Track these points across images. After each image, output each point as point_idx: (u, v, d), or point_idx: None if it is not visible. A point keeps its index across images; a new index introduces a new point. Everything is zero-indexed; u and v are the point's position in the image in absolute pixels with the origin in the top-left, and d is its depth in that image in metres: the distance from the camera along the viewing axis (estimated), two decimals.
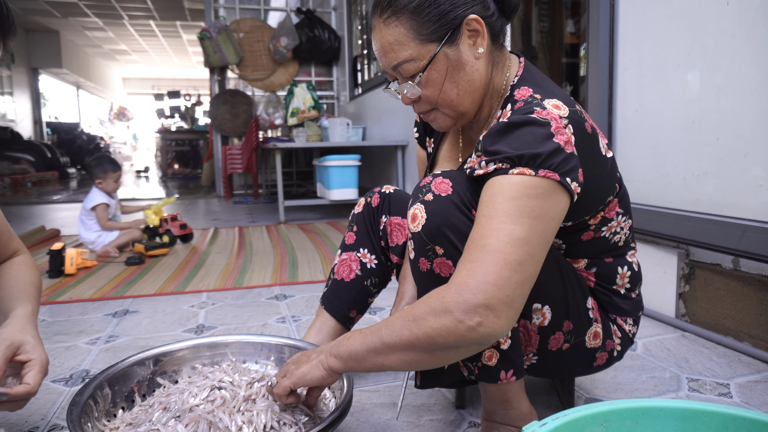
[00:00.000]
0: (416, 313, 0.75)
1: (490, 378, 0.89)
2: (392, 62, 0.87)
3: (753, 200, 1.38)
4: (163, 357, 1.03)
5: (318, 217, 4.36)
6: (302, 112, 5.80)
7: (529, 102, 0.83)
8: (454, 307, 0.71)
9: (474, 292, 0.71)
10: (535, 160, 0.74)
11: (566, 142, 0.77)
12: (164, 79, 17.51)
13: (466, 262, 0.74)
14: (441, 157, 1.09)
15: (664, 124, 1.65)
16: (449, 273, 0.84)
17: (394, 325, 0.76)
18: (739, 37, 1.39)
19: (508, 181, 0.75)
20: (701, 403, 0.78)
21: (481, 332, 0.71)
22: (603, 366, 1.00)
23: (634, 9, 1.75)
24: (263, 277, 2.37)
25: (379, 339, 0.77)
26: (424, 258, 0.85)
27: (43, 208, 5.41)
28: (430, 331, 0.73)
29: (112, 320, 1.82)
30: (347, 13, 5.75)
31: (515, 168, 0.75)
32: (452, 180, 0.84)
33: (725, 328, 1.49)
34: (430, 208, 0.83)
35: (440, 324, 0.72)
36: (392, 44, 0.86)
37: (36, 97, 12.28)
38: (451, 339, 0.72)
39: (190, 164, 10.67)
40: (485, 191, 0.77)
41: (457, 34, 0.85)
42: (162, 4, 9.54)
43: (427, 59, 0.85)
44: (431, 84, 0.87)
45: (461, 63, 0.86)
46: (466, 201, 0.83)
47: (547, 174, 0.75)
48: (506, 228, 0.73)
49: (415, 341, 0.74)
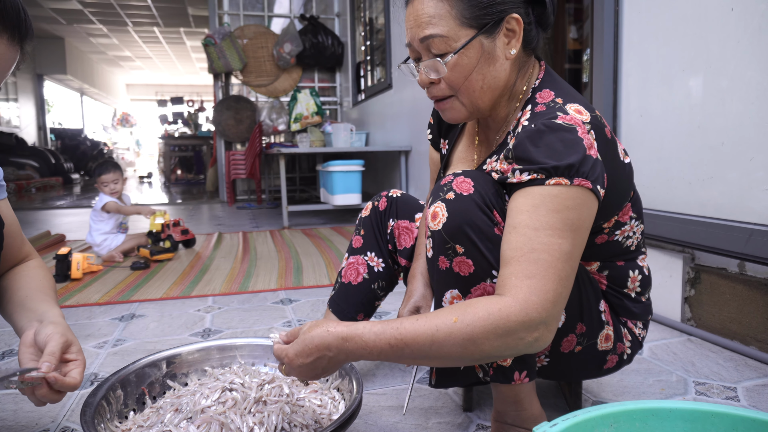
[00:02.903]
0: (475, 334, 0.72)
1: (504, 378, 0.89)
2: (423, 34, 0.85)
3: (758, 204, 1.39)
4: (175, 359, 1.03)
5: (322, 223, 4.37)
6: (305, 117, 5.83)
7: (552, 107, 0.84)
8: (518, 327, 0.72)
9: (539, 311, 0.72)
10: (570, 169, 0.76)
11: (591, 147, 0.79)
12: (168, 86, 17.59)
13: (522, 276, 0.74)
14: (456, 158, 1.09)
15: (669, 128, 1.66)
16: (468, 272, 0.84)
17: (445, 345, 0.73)
18: (744, 42, 1.40)
19: (548, 192, 0.76)
20: (710, 405, 0.78)
21: (536, 346, 0.74)
22: (613, 369, 1.00)
23: (639, 15, 1.76)
24: (268, 281, 2.38)
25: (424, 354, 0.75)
26: (444, 256, 0.85)
27: (47, 214, 5.43)
28: (489, 349, 0.73)
29: (119, 324, 1.83)
30: (350, 19, 5.78)
31: (551, 178, 0.76)
32: (474, 179, 0.85)
33: (731, 332, 1.50)
34: (451, 207, 0.83)
35: (501, 343, 0.73)
36: (431, 17, 0.84)
37: (40, 103, 12.35)
38: (507, 353, 0.75)
39: (193, 170, 10.70)
40: (522, 200, 0.78)
41: (497, 27, 0.85)
42: (166, 11, 9.61)
43: (461, 42, 0.84)
44: (460, 69, 0.86)
45: (493, 57, 0.86)
46: (488, 201, 0.83)
47: (581, 182, 0.77)
48: (555, 243, 0.75)
49: (467, 356, 0.74)
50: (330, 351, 0.78)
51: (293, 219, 4.56)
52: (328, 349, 0.78)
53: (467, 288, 0.85)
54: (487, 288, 0.84)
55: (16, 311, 0.96)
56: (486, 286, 0.84)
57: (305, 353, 0.79)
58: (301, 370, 0.81)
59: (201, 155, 10.22)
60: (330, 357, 0.79)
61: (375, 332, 0.76)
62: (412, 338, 0.74)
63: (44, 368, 0.80)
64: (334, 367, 0.81)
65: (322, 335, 0.78)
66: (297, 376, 0.83)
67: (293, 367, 0.81)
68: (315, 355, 0.79)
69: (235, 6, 5.98)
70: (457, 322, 0.73)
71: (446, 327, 0.73)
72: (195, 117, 11.82)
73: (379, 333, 0.76)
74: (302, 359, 0.80)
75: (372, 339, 0.76)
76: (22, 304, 0.96)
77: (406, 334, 0.74)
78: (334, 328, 0.78)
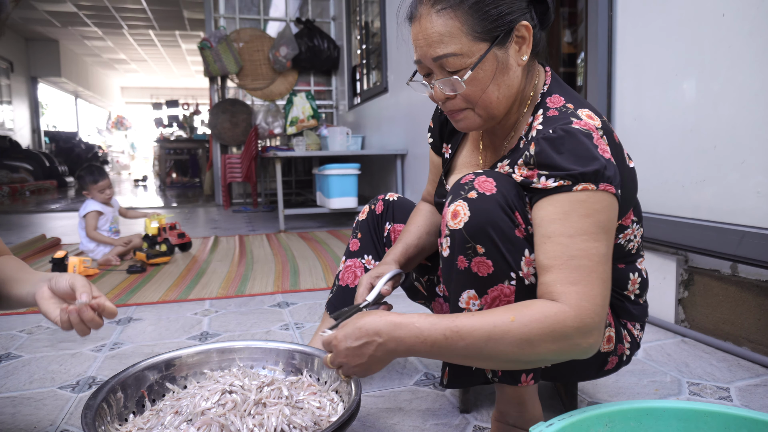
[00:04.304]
0: (532, 335, 0.73)
1: (512, 380, 0.91)
2: (436, 53, 0.84)
3: (750, 207, 1.41)
4: (174, 362, 1.04)
5: (318, 226, 4.38)
6: (301, 121, 5.84)
7: (564, 112, 0.85)
8: (574, 333, 0.73)
9: (592, 317, 0.74)
10: (596, 175, 0.77)
11: (606, 152, 0.80)
12: (163, 89, 17.57)
13: (567, 283, 0.75)
14: (460, 163, 1.09)
15: (663, 131, 1.68)
16: (487, 273, 0.83)
17: (501, 343, 0.73)
18: (736, 46, 1.42)
19: (576, 198, 0.77)
20: (703, 404, 0.79)
21: (590, 351, 0.76)
22: (612, 370, 1.01)
23: (633, 19, 1.78)
24: (265, 285, 2.38)
25: (477, 351, 0.75)
26: (463, 256, 0.84)
27: (41, 217, 5.42)
28: (544, 352, 0.74)
29: (116, 328, 1.83)
30: (346, 23, 5.80)
31: (578, 184, 0.77)
32: (496, 180, 0.84)
33: (724, 333, 1.51)
34: (474, 206, 0.82)
35: (558, 347, 0.74)
36: (442, 35, 0.83)
37: (35, 105, 12.30)
38: (561, 358, 0.76)
39: (188, 173, 10.68)
40: (551, 209, 0.79)
41: (508, 37, 0.85)
42: (162, 14, 9.61)
43: (476, 57, 0.84)
44: (476, 83, 0.85)
45: (507, 66, 0.86)
46: (510, 202, 0.83)
47: (606, 187, 0.78)
48: (592, 247, 0.76)
49: (522, 357, 0.75)
50: (380, 336, 0.77)
51: (289, 222, 4.56)
52: (378, 335, 0.77)
53: (484, 289, 0.85)
54: (504, 290, 0.84)
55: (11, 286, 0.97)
56: (503, 287, 0.84)
57: (354, 336, 0.79)
58: (348, 352, 0.80)
59: (196, 158, 10.20)
60: (379, 343, 0.78)
61: (430, 321, 0.76)
62: (468, 332, 0.74)
63: (84, 298, 0.85)
64: (383, 357, 0.79)
65: (373, 320, 0.78)
66: (344, 362, 0.82)
67: (340, 350, 0.80)
68: (364, 339, 0.78)
69: (231, 9, 5.98)
70: (515, 321, 0.73)
71: (504, 324, 0.73)
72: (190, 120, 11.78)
73: (435, 323, 0.75)
74: (350, 341, 0.79)
75: (426, 327, 0.75)
76: (14, 279, 0.97)
77: (462, 327, 0.74)
78: (387, 316, 0.78)
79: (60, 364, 1.50)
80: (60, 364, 1.50)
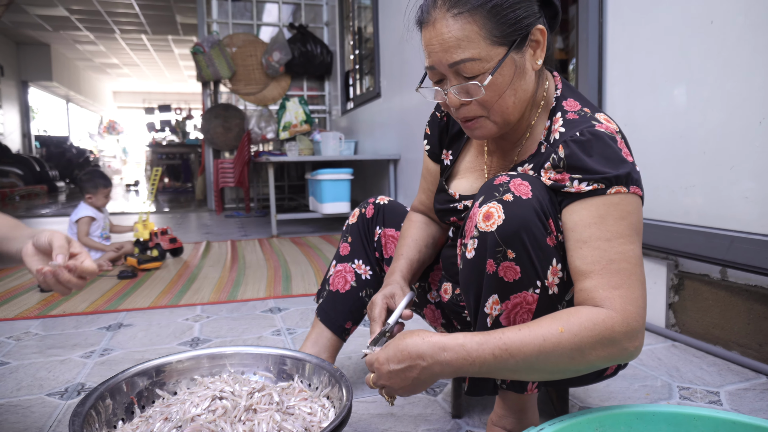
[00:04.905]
0: (583, 344, 0.73)
1: (520, 388, 0.91)
2: (453, 59, 0.82)
3: (739, 212, 1.42)
4: (165, 368, 1.03)
5: (310, 231, 4.37)
6: (294, 126, 5.83)
7: (583, 115, 0.86)
8: (622, 337, 0.74)
9: (637, 320, 0.75)
10: (627, 178, 0.79)
11: (629, 154, 0.82)
12: (155, 93, 17.51)
13: (609, 288, 0.75)
14: (463, 168, 1.07)
15: (653, 137, 1.69)
16: (513, 278, 0.82)
17: (552, 355, 0.73)
18: (724, 53, 1.44)
19: (610, 201, 0.78)
20: (693, 408, 0.80)
21: (635, 354, 0.77)
22: (611, 375, 1.00)
23: (623, 27, 1.80)
24: (257, 290, 2.37)
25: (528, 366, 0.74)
26: (492, 260, 0.82)
27: (31, 222, 5.37)
28: (594, 359, 0.74)
29: (106, 333, 1.81)
30: (339, 28, 5.81)
31: (612, 188, 0.78)
32: (531, 184, 0.82)
33: (714, 337, 1.52)
34: (510, 210, 0.80)
35: (607, 353, 0.74)
36: (459, 40, 0.81)
37: (25, 110, 12.22)
38: (609, 363, 0.76)
39: (180, 178, 10.64)
40: (585, 213, 0.79)
41: (525, 41, 0.84)
42: (154, 18, 9.59)
43: (495, 62, 0.82)
44: (495, 88, 0.83)
45: (523, 71, 0.85)
46: (545, 208, 0.81)
47: (635, 190, 0.80)
48: (629, 249, 0.77)
49: (572, 367, 0.75)
50: (424, 360, 0.75)
51: (282, 227, 4.55)
52: (422, 358, 0.75)
53: (507, 294, 0.83)
54: (527, 297, 0.83)
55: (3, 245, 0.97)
56: (527, 295, 0.82)
57: (396, 359, 0.77)
58: (390, 375, 0.78)
59: (189, 163, 10.17)
60: (423, 367, 0.76)
61: (477, 341, 0.74)
62: (517, 348, 0.73)
63: (60, 260, 0.84)
64: (427, 379, 0.78)
65: (416, 342, 0.76)
66: (386, 384, 0.80)
67: (383, 373, 0.79)
68: (407, 362, 0.76)
69: (224, 14, 5.99)
70: (564, 332, 0.73)
71: (554, 337, 0.72)
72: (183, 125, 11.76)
73: (482, 342, 0.74)
74: (393, 365, 0.77)
75: (474, 348, 0.74)
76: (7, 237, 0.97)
77: (511, 345, 0.73)
78: (430, 337, 0.76)
79: (48, 370, 1.49)
80: (48, 370, 1.49)
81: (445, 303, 1.14)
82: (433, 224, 1.19)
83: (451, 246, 1.16)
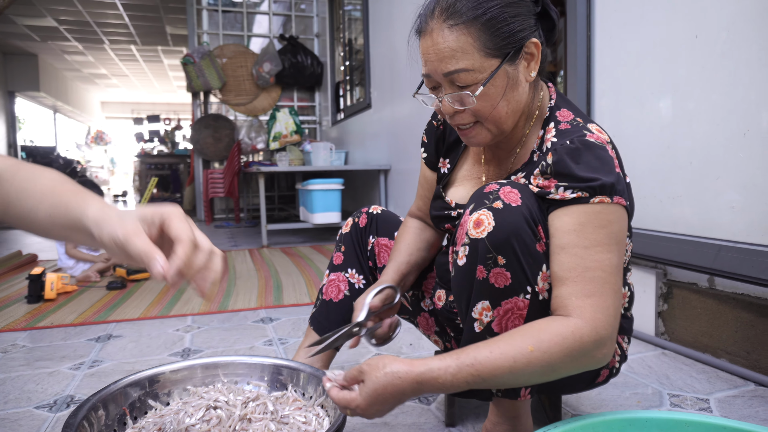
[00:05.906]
0: (552, 360, 0.74)
1: (513, 394, 0.92)
2: (448, 68, 0.85)
3: (726, 221, 1.45)
4: (158, 378, 1.02)
5: (301, 241, 4.36)
6: (284, 136, 5.84)
7: (575, 125, 0.88)
8: (592, 347, 0.76)
9: (606, 328, 0.76)
10: (612, 188, 0.80)
11: (617, 166, 0.83)
12: (144, 104, 17.43)
13: (582, 296, 0.77)
14: (460, 176, 1.09)
15: (641, 148, 1.72)
16: (504, 285, 0.83)
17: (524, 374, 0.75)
18: (708, 67, 1.47)
19: (592, 210, 0.80)
20: (685, 414, 0.81)
21: (604, 361, 0.78)
22: (603, 382, 1.01)
23: (611, 40, 1.83)
24: (248, 300, 2.36)
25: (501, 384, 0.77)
26: (483, 266, 0.83)
27: (18, 233, 5.30)
28: (565, 371, 0.77)
29: (95, 345, 1.79)
30: (330, 39, 5.85)
31: (595, 197, 0.80)
32: (520, 191, 0.84)
33: (703, 345, 1.54)
34: (500, 217, 0.82)
35: (577, 364, 0.76)
36: (454, 50, 0.84)
37: (11, 120, 12.10)
38: (578, 371, 0.77)
39: (169, 188, 10.57)
40: (567, 219, 0.81)
41: (519, 54, 0.86)
42: (144, 29, 9.58)
43: (488, 73, 0.85)
44: (488, 98, 0.86)
45: (516, 82, 0.88)
46: (534, 215, 0.83)
47: (619, 200, 0.81)
48: (606, 258, 0.79)
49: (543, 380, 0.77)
50: (405, 395, 0.78)
51: (272, 238, 4.53)
52: (403, 394, 0.78)
53: (498, 300, 0.84)
54: (518, 303, 0.84)
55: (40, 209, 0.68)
56: (517, 300, 0.84)
57: (380, 401, 0.79)
58: (375, 415, 0.81)
59: (178, 174, 10.11)
60: (404, 399, 0.79)
61: (451, 373, 0.76)
62: (489, 373, 0.75)
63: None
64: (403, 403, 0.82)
65: (394, 383, 0.77)
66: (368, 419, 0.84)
67: (367, 415, 0.81)
68: (390, 402, 0.79)
69: (215, 25, 6.00)
70: (534, 350, 0.74)
71: (524, 357, 0.74)
72: (172, 135, 11.70)
73: (455, 373, 0.76)
74: (377, 407, 0.79)
75: (449, 380, 0.76)
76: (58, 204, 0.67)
77: (483, 370, 0.75)
78: (405, 373, 0.77)
79: (37, 383, 1.47)
80: (37, 383, 1.47)
81: (439, 310, 1.15)
82: (429, 229, 1.20)
83: (445, 253, 1.17)
